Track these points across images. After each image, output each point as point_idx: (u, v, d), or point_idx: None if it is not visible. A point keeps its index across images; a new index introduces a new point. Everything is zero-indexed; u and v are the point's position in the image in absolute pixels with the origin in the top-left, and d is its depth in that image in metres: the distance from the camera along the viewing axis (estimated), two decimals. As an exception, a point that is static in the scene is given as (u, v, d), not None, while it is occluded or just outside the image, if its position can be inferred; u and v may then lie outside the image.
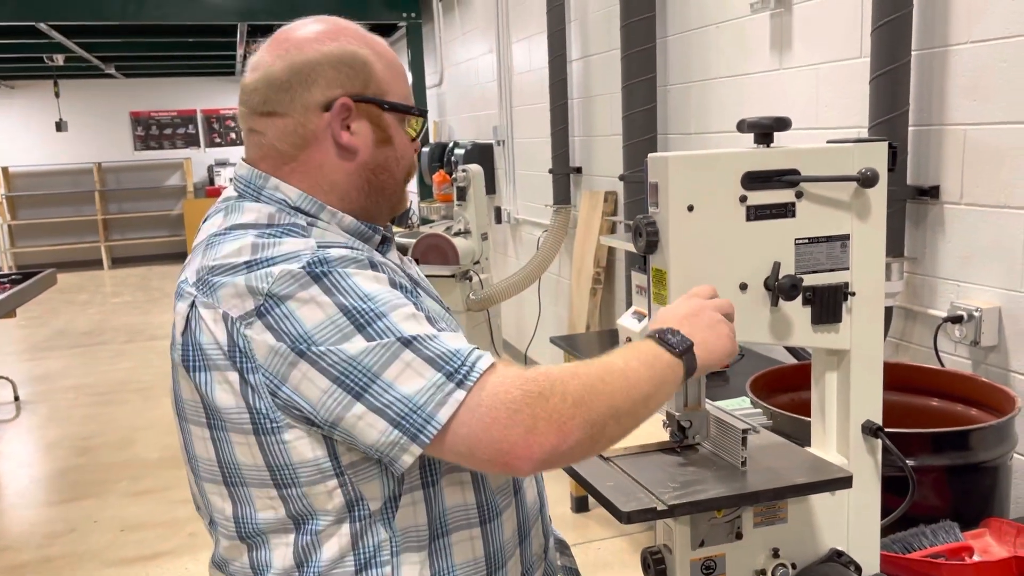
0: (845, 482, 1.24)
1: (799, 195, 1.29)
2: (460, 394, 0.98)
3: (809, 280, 1.31)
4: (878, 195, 1.31)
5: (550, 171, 4.98)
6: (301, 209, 1.15)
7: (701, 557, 1.31)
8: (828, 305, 1.32)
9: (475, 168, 5.21)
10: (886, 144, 1.31)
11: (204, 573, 3.40)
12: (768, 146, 1.30)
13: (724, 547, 1.31)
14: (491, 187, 6.28)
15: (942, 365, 2.33)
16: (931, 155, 2.43)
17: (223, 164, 13.75)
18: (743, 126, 1.30)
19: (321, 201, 1.16)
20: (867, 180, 1.27)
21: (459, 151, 6.65)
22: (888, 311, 2.47)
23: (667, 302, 1.26)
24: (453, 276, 4.92)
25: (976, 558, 1.68)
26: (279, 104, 1.15)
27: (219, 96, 13.84)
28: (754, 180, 1.26)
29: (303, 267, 1.02)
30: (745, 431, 1.26)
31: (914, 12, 2.38)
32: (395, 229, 8.71)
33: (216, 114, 13.97)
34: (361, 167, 1.18)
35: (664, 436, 1.37)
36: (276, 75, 1.15)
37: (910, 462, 1.44)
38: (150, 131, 13.70)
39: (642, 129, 3.75)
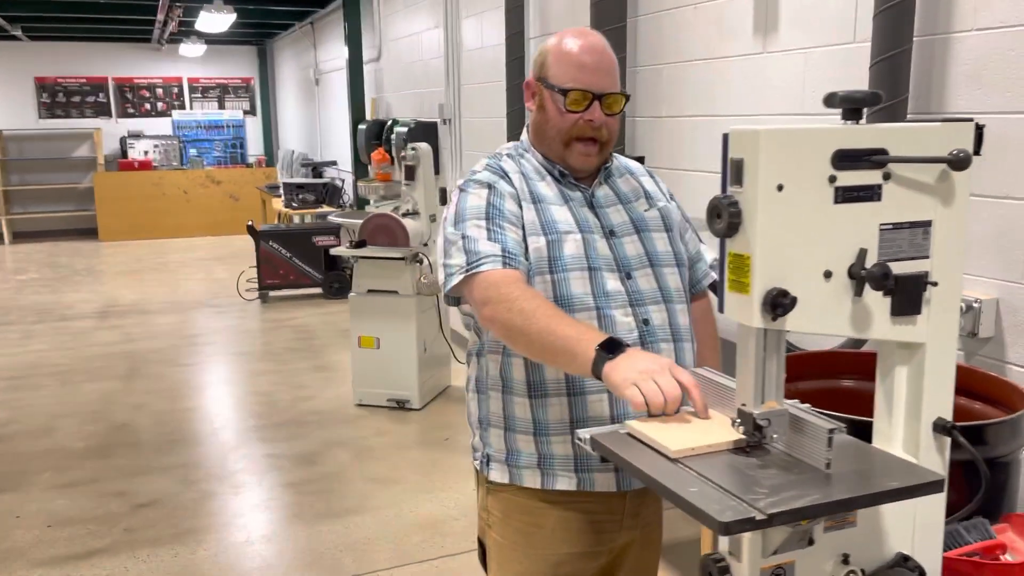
0: (937, 486, 1.16)
1: (886, 176, 1.20)
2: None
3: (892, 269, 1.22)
4: (964, 179, 1.24)
5: (505, 152, 4.84)
6: (523, 146, 1.81)
7: (771, 565, 1.21)
8: (910, 295, 1.23)
9: (424, 147, 5.03)
10: (973, 124, 1.23)
11: (144, 571, 3.17)
12: (857, 122, 1.21)
13: (795, 553, 1.22)
14: (435, 167, 6.09)
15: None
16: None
17: (137, 136, 13.03)
18: (834, 100, 1.20)
19: (532, 143, 1.80)
20: (959, 162, 1.19)
21: (400, 129, 6.42)
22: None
23: (749, 291, 1.16)
24: (404, 259, 4.74)
25: (1008, 557, 1.65)
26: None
27: (134, 64, 13.15)
28: (844, 159, 1.17)
29: (464, 182, 1.75)
30: (831, 431, 1.16)
31: (920, -3, 2.34)
32: (330, 209, 8.32)
33: (130, 82, 13.28)
34: (534, 123, 1.81)
35: (729, 434, 1.27)
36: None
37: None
38: (56, 98, 12.95)
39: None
